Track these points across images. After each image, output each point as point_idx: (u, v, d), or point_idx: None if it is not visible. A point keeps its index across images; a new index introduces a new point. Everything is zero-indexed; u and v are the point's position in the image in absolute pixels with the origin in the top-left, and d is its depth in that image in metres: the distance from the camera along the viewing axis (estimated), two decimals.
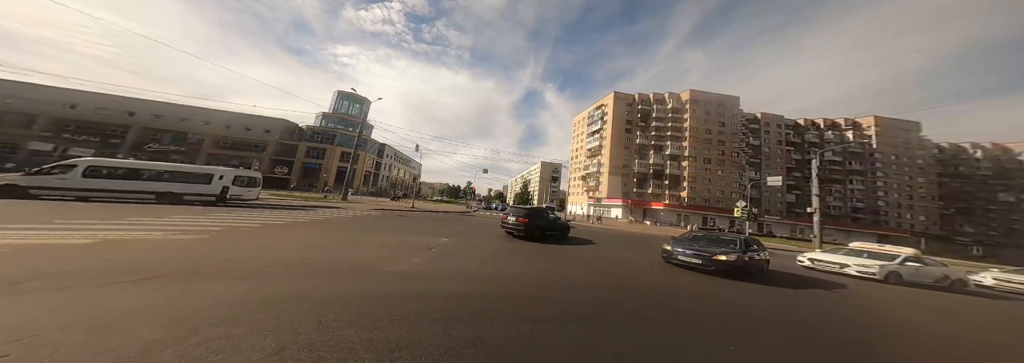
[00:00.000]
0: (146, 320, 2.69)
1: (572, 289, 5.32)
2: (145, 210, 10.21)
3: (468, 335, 2.97)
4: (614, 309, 4.42)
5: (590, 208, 64.94)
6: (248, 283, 3.96)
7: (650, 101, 62.99)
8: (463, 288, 4.63)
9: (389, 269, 5.33)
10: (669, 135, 58.66)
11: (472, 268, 6.04)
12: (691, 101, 57.59)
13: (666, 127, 59.34)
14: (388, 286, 4.39)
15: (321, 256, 5.82)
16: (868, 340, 4.39)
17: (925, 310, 7.22)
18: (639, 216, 53.16)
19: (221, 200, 14.04)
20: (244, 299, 3.36)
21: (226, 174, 14.30)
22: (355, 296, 3.80)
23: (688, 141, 56.33)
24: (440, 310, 3.57)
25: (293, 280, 4.25)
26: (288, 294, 3.65)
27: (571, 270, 6.93)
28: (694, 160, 55.48)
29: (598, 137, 66.36)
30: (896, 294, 8.73)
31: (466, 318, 3.40)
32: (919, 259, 11.12)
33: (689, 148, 56.11)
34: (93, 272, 3.84)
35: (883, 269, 10.27)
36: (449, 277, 5.24)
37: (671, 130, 58.70)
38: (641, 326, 3.86)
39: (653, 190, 57.57)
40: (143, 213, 9.51)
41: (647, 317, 4.25)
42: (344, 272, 4.91)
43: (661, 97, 62.41)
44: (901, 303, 7.70)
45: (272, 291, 3.71)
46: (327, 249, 6.60)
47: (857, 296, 7.82)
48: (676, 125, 58.83)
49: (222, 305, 3.14)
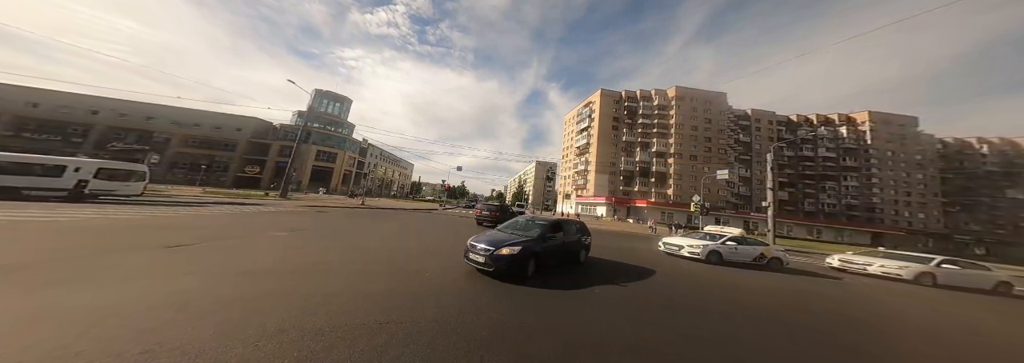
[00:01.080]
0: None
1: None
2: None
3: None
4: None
5: (578, 207, 64.00)
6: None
7: (637, 98, 61.91)
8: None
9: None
10: (655, 132, 57.53)
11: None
12: (677, 97, 56.47)
13: (652, 124, 58.23)
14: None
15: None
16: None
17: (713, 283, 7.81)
18: (623, 214, 52.08)
19: (75, 195, 12.55)
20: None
21: (84, 166, 12.73)
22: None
23: (674, 138, 55.18)
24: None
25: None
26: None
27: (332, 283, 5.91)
28: (680, 157, 54.31)
29: (586, 135, 65.38)
30: (706, 271, 9.32)
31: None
32: (743, 240, 11.68)
33: (675, 145, 54.94)
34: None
35: (705, 249, 10.90)
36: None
37: (657, 127, 57.57)
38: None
39: (639, 188, 56.41)
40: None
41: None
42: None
43: (648, 94, 61.28)
44: (702, 278, 8.24)
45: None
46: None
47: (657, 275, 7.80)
48: (662, 122, 57.70)
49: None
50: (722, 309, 5.45)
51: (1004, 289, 10.41)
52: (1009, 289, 10.47)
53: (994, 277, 10.50)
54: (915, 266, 10.58)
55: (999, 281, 10.43)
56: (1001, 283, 10.42)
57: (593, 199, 56.89)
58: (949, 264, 10.61)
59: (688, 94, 57.07)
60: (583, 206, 61.34)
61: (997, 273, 10.66)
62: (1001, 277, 10.50)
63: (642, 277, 7.43)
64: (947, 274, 10.30)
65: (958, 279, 10.28)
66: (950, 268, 10.47)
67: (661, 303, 5.41)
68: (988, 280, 10.42)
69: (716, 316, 4.98)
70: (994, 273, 10.65)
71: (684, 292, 6.51)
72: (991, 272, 10.67)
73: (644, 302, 5.34)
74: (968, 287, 10.22)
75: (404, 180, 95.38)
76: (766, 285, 8.19)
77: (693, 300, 5.93)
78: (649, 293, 6.02)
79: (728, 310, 5.41)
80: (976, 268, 10.73)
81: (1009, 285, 10.45)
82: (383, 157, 72.06)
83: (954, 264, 10.68)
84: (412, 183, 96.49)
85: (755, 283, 8.26)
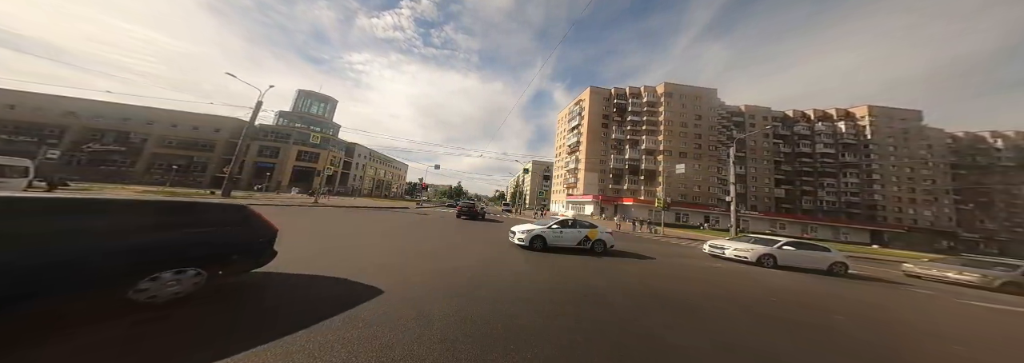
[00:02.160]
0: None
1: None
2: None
3: None
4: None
5: (568, 206, 63.03)
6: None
7: (627, 95, 60.90)
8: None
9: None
10: (644, 129, 56.37)
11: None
12: (665, 94, 55.26)
13: (642, 121, 57.08)
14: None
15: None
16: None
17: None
18: (611, 213, 50.96)
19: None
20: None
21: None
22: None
23: (663, 135, 53.96)
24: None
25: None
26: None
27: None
28: (669, 154, 53.01)
29: (576, 133, 64.56)
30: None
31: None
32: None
33: (664, 142, 53.71)
34: None
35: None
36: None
37: (646, 124, 56.41)
38: None
39: (629, 186, 55.26)
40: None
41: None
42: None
43: (637, 91, 60.21)
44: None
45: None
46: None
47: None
48: (651, 119, 56.53)
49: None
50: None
51: (839, 269, 10.65)
52: (844, 269, 10.74)
53: (830, 257, 10.73)
54: (759, 247, 10.87)
55: (834, 261, 10.65)
56: (837, 264, 10.64)
57: (581, 198, 55.95)
58: (790, 245, 10.92)
59: (677, 90, 55.84)
60: (573, 205, 60.40)
61: (834, 254, 10.86)
62: (838, 258, 10.70)
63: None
64: (785, 254, 10.63)
65: (793, 259, 10.59)
66: (789, 249, 10.82)
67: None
68: (824, 260, 10.69)
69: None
70: (831, 254, 10.85)
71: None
72: (829, 253, 10.88)
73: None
74: (805, 267, 10.59)
75: (399, 181, 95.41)
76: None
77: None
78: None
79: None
80: (815, 249, 10.99)
81: (844, 265, 10.69)
82: (373, 157, 72.03)
83: (795, 245, 11.03)
84: (411, 183, 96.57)
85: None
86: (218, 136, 39.44)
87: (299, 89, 49.21)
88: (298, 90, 49.25)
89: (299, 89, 49.21)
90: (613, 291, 5.49)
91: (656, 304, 4.93)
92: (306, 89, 49.77)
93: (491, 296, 4.53)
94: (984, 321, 6.34)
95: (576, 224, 10.57)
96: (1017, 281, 9.73)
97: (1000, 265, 10.70)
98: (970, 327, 5.76)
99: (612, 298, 5.04)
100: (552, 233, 9.92)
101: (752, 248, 10.79)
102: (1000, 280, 9.81)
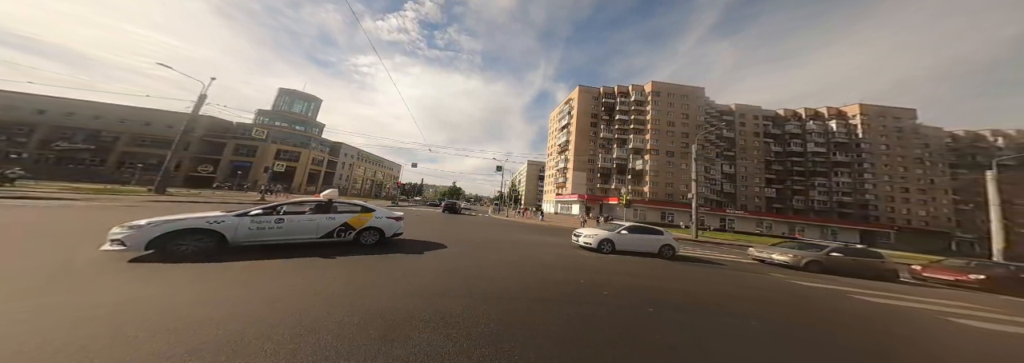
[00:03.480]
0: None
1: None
2: None
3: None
4: None
5: (557, 206, 62.35)
6: None
7: (615, 94, 60.32)
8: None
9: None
10: (632, 128, 55.74)
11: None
12: (653, 93, 54.64)
13: (629, 120, 56.48)
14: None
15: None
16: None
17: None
18: (596, 212, 50.22)
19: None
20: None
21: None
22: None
23: (650, 134, 53.29)
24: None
25: None
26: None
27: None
28: (656, 153, 52.34)
29: (566, 132, 63.96)
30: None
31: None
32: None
33: (651, 141, 53.03)
34: None
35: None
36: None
37: (634, 123, 55.77)
38: None
39: (616, 185, 54.59)
40: None
41: None
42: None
43: (625, 89, 59.63)
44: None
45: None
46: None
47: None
48: (639, 118, 55.90)
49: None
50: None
51: (667, 251, 11.09)
52: (671, 251, 11.13)
53: (660, 240, 11.15)
54: (601, 233, 11.15)
55: (663, 244, 11.06)
56: (665, 246, 11.06)
57: (568, 197, 55.34)
58: (627, 230, 11.39)
59: (664, 89, 55.22)
60: (561, 205, 59.75)
61: (665, 237, 11.29)
62: (667, 241, 11.13)
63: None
64: (623, 239, 10.90)
65: (630, 244, 10.93)
66: (625, 233, 11.28)
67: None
68: (655, 243, 11.12)
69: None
70: (662, 237, 11.27)
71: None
72: (661, 236, 11.31)
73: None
74: (641, 251, 10.90)
75: (393, 181, 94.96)
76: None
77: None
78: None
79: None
80: (649, 233, 11.42)
81: (671, 247, 11.11)
82: (362, 157, 71.56)
83: (631, 230, 11.54)
84: (413, 184, 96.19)
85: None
86: (192, 134, 38.99)
87: (280, 87, 48.79)
88: (279, 88, 48.84)
89: (280, 87, 48.79)
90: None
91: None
92: (288, 87, 49.36)
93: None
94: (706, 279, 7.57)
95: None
96: (819, 259, 10.63)
97: (825, 248, 11.58)
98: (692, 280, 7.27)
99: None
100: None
101: (595, 234, 10.90)
102: (806, 259, 10.69)
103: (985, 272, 10.17)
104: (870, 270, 10.58)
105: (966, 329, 5.31)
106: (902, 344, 4.27)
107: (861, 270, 10.51)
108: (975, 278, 9.97)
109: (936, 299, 7.85)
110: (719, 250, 15.74)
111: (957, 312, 6.44)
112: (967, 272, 10.36)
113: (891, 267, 10.76)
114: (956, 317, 6.01)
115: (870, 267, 10.65)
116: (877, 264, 10.73)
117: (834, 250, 10.95)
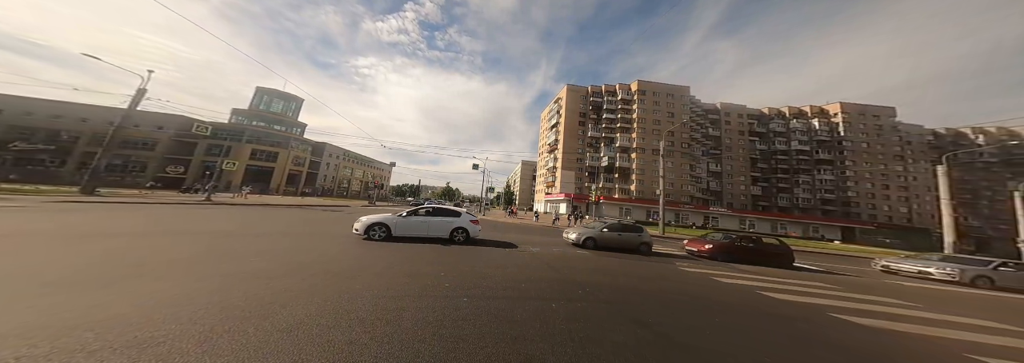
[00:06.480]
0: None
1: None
2: None
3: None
4: None
5: (545, 205, 61.88)
6: None
7: (602, 93, 60.16)
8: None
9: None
10: (619, 127, 55.64)
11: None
12: (638, 91, 54.62)
13: (616, 119, 56.39)
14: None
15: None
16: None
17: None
18: (584, 211, 49.83)
19: None
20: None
21: None
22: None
23: (636, 132, 53.21)
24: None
25: None
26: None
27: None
28: (643, 152, 52.25)
29: (555, 131, 63.58)
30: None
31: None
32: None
33: (638, 140, 52.94)
34: None
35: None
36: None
37: (621, 122, 55.69)
38: None
39: (604, 184, 54.29)
40: None
41: None
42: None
43: (612, 88, 59.55)
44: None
45: None
46: None
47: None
48: (626, 117, 55.84)
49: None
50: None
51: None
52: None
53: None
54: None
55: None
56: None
57: (557, 196, 54.87)
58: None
59: (650, 88, 55.27)
60: (550, 204, 59.26)
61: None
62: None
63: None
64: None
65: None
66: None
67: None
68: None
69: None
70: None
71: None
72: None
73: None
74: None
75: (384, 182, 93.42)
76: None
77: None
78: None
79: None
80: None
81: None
82: (348, 157, 70.09)
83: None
84: (411, 185, 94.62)
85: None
86: (161, 134, 37.45)
87: (258, 86, 47.35)
88: (257, 87, 47.38)
89: (258, 86, 47.35)
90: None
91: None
92: (266, 87, 47.90)
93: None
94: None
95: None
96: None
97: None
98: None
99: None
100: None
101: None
102: (584, 237, 11.79)
103: (712, 244, 12.22)
104: (631, 244, 11.94)
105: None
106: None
107: (627, 244, 11.93)
108: (706, 248, 11.90)
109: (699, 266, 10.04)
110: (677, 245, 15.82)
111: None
112: (703, 244, 12.31)
113: (646, 240, 12.03)
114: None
115: (632, 241, 11.96)
116: (638, 238, 11.97)
117: (606, 227, 12.20)
